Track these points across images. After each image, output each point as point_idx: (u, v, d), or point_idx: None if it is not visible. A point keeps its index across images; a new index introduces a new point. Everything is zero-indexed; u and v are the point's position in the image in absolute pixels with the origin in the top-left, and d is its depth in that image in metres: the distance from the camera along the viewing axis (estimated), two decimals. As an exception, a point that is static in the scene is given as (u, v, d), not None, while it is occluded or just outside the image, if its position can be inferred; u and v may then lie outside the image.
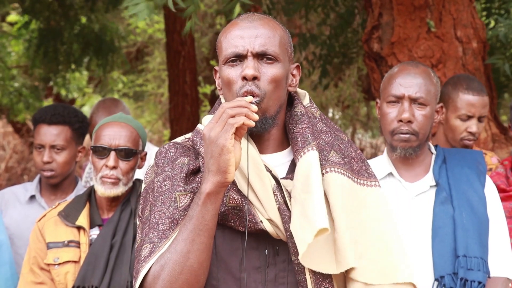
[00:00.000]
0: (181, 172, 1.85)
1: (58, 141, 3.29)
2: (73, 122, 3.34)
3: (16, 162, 11.37)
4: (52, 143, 3.28)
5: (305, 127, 1.88)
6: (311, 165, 1.81)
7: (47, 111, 3.32)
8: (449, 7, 4.37)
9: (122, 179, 2.78)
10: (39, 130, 3.31)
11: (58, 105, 3.42)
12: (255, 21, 1.88)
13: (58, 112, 3.31)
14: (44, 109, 3.37)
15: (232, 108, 1.71)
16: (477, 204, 2.61)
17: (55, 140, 3.29)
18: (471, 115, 3.27)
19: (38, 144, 3.30)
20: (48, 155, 3.28)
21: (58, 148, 3.30)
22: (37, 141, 3.31)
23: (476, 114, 3.27)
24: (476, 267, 2.50)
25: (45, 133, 3.29)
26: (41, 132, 3.30)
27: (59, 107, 3.36)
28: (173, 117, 7.84)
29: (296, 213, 1.78)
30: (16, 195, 3.45)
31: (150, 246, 1.78)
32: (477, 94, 3.28)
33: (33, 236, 2.85)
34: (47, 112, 3.32)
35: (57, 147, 3.29)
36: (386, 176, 2.70)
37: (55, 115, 3.29)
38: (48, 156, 3.28)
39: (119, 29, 7.92)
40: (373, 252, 1.85)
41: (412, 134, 2.62)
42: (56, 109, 3.33)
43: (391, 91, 2.65)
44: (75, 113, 3.37)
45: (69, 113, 3.33)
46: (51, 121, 3.29)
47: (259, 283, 1.83)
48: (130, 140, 2.81)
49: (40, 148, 3.30)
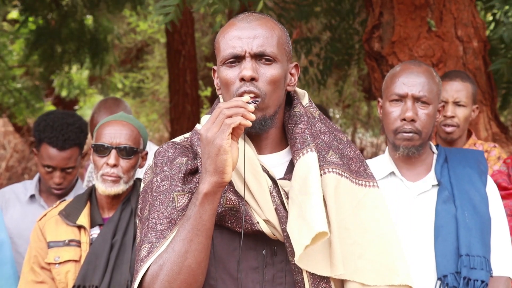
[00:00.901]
0: (179, 172, 1.85)
1: (70, 163, 3.28)
2: (82, 141, 3.31)
3: (16, 161, 11.37)
4: (64, 166, 3.27)
5: (304, 127, 1.87)
6: (310, 167, 1.80)
7: (56, 135, 3.23)
8: (450, 6, 4.37)
9: (123, 177, 2.78)
10: (48, 152, 3.24)
11: (63, 123, 3.28)
12: (253, 22, 1.87)
13: (68, 136, 3.24)
14: (51, 129, 3.25)
15: (228, 108, 1.70)
16: (479, 203, 2.61)
17: (67, 163, 3.27)
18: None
19: (48, 165, 3.26)
20: (60, 176, 3.27)
21: (69, 169, 3.29)
22: (46, 162, 3.25)
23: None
24: (479, 266, 2.50)
25: (56, 157, 3.24)
26: (52, 156, 3.24)
27: (65, 127, 3.25)
28: (174, 117, 7.84)
29: (294, 214, 1.77)
30: (16, 194, 3.45)
31: (148, 246, 1.78)
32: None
33: (34, 235, 2.85)
34: (57, 136, 3.23)
35: (69, 168, 3.28)
36: (388, 175, 2.70)
37: (67, 141, 3.23)
38: (59, 178, 3.27)
39: (115, 28, 7.93)
40: (372, 253, 1.85)
41: (415, 133, 2.62)
42: (65, 132, 3.24)
43: (394, 90, 2.64)
44: (80, 129, 3.31)
45: (77, 133, 3.28)
46: (63, 147, 3.23)
47: (257, 283, 1.83)
48: (131, 139, 2.81)
49: (49, 168, 3.27)
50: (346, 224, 1.85)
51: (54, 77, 8.41)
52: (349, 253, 1.84)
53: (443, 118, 3.38)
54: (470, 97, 3.43)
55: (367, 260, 1.84)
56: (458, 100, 3.39)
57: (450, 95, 3.39)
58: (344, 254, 1.82)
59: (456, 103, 3.39)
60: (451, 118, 3.38)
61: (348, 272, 1.82)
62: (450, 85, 3.42)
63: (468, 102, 3.41)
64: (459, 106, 3.40)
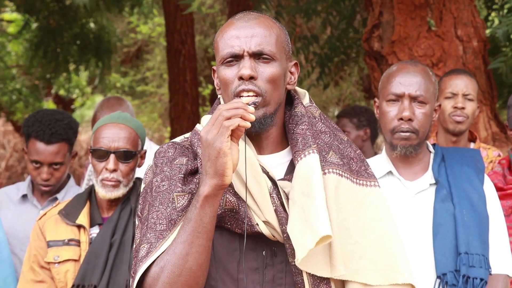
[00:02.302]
0: (179, 172, 1.85)
1: (58, 159, 3.24)
2: (70, 137, 3.28)
3: (16, 161, 11.37)
4: (51, 161, 3.24)
5: (305, 128, 1.87)
6: (312, 169, 1.80)
7: (43, 128, 3.21)
8: (450, 6, 4.37)
9: (123, 181, 2.77)
10: (36, 147, 3.21)
11: (51, 118, 3.27)
12: (251, 21, 1.86)
13: (55, 130, 3.21)
14: (39, 124, 3.23)
15: (227, 110, 1.70)
16: (477, 201, 2.61)
17: (54, 158, 3.23)
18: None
19: (35, 160, 3.23)
20: (47, 172, 3.24)
21: (57, 165, 3.26)
22: (33, 157, 3.23)
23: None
24: (478, 264, 2.50)
25: (43, 152, 3.21)
26: (39, 150, 3.21)
27: (53, 122, 3.24)
28: (174, 116, 7.84)
29: (295, 216, 1.77)
30: (9, 195, 3.44)
31: (147, 246, 1.78)
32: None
33: (33, 234, 2.85)
34: (44, 130, 3.21)
35: (56, 164, 3.25)
36: (386, 174, 2.70)
37: (54, 135, 3.21)
38: (47, 174, 3.24)
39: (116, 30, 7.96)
40: (373, 253, 1.85)
41: (412, 132, 2.62)
42: (52, 127, 3.22)
43: (390, 90, 2.64)
44: (69, 125, 3.29)
45: (65, 128, 3.25)
46: (50, 141, 3.21)
47: (257, 284, 1.83)
48: (129, 142, 2.79)
49: (37, 163, 3.24)
50: (346, 224, 1.84)
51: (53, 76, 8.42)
52: (350, 253, 1.83)
53: (453, 109, 3.41)
54: (477, 94, 3.48)
55: (368, 260, 1.84)
56: (467, 93, 3.43)
57: (460, 88, 3.43)
58: (345, 255, 1.82)
59: (466, 95, 3.43)
60: (461, 109, 3.41)
61: (349, 272, 1.82)
62: (460, 79, 3.46)
63: (475, 97, 3.46)
64: (468, 100, 3.43)
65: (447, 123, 3.44)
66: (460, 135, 3.45)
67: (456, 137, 3.44)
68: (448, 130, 3.44)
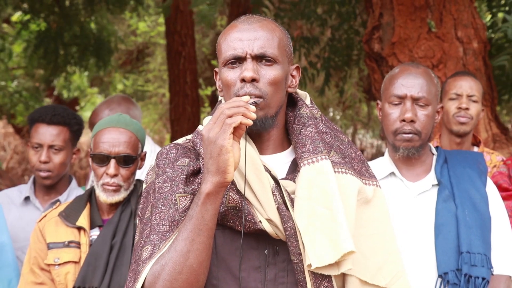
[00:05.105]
0: (181, 173, 1.85)
1: (57, 141, 3.28)
2: (72, 124, 3.33)
3: (17, 163, 11.38)
4: (51, 143, 3.27)
5: (314, 131, 1.89)
6: (328, 178, 1.82)
7: (46, 111, 3.30)
8: (450, 7, 4.38)
9: (123, 185, 2.77)
10: (38, 129, 3.28)
11: (57, 106, 3.40)
12: (254, 23, 1.88)
13: (58, 112, 3.29)
14: (43, 109, 3.34)
15: (229, 108, 1.71)
16: (479, 202, 2.62)
17: (54, 140, 3.27)
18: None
19: (36, 143, 3.28)
20: (46, 154, 3.26)
21: (56, 149, 3.28)
22: (35, 140, 3.28)
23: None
24: (480, 263, 2.51)
25: (44, 132, 3.27)
26: (40, 132, 3.27)
27: (58, 108, 3.34)
28: (174, 118, 7.85)
29: (310, 223, 1.78)
30: (11, 198, 3.44)
31: (151, 247, 1.79)
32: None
33: (33, 236, 2.85)
34: (47, 112, 3.29)
35: (55, 147, 3.28)
36: (388, 175, 2.71)
37: (56, 116, 3.27)
38: (46, 156, 3.26)
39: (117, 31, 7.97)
40: (367, 250, 1.87)
41: (415, 133, 2.63)
42: (55, 110, 3.31)
43: (393, 92, 2.65)
44: (73, 115, 3.37)
45: (69, 115, 3.32)
46: (51, 121, 3.27)
47: (259, 282, 1.84)
48: (129, 146, 2.79)
49: (38, 147, 3.28)
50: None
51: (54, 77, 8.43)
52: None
53: (457, 110, 3.42)
54: (481, 96, 3.48)
55: (367, 258, 1.86)
56: (472, 94, 3.44)
57: (465, 90, 3.43)
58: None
59: (470, 97, 3.43)
60: (465, 110, 3.41)
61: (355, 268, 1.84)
62: (464, 80, 3.46)
63: (479, 99, 3.45)
64: (473, 102, 3.44)
65: (451, 124, 3.44)
66: (464, 137, 3.45)
67: (460, 138, 3.44)
68: (452, 131, 3.44)
